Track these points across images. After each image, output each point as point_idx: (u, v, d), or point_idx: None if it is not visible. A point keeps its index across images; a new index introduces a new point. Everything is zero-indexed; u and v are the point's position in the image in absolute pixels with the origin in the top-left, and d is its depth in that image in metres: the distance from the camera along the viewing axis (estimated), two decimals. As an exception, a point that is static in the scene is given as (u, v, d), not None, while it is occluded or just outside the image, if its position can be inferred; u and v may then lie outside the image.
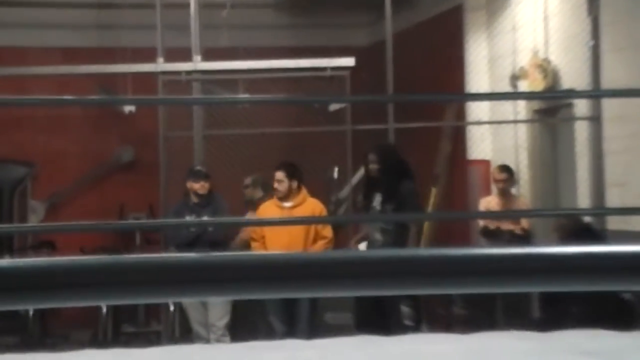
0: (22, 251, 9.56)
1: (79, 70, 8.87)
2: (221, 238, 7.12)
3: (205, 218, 7.14)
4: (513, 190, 7.79)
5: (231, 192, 8.24)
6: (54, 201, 10.64)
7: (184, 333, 7.62)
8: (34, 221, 10.15)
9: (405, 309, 6.88)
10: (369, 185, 7.00)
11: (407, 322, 6.82)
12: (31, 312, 8.59)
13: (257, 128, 9.17)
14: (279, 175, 7.15)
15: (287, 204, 7.17)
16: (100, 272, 1.15)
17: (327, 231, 7.10)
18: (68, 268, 1.15)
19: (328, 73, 8.24)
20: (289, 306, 6.93)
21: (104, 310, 8.53)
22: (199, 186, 7.33)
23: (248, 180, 8.21)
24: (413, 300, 6.92)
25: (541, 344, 3.45)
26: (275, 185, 7.14)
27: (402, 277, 1.19)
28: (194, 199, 7.36)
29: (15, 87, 9.53)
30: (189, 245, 6.99)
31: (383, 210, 6.55)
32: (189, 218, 7.19)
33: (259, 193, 7.96)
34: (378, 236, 6.60)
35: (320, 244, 7.04)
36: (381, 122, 8.37)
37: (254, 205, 7.71)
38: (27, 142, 10.50)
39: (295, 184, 7.14)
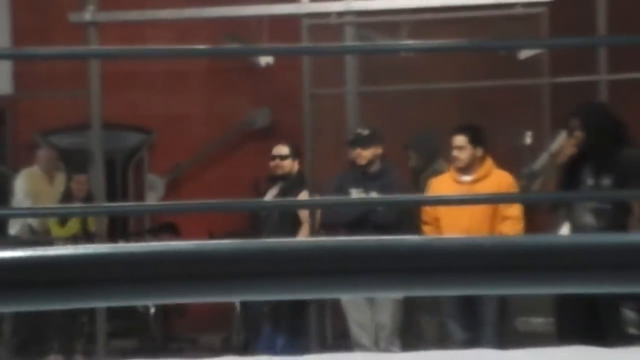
0: (139, 236, 10.01)
1: (203, 14, 9.08)
2: (391, 221, 7.15)
3: (374, 194, 7.24)
4: None
5: (393, 163, 8.33)
6: (175, 175, 11.02)
7: (338, 338, 7.80)
8: (153, 199, 10.57)
9: (629, 314, 6.76)
10: (575, 155, 6.92)
11: (632, 331, 6.72)
12: (152, 311, 9.06)
13: (425, 83, 9.19)
14: (460, 140, 7.12)
15: (467, 178, 7.15)
16: (229, 260, 1.16)
17: (514, 210, 7.04)
18: (189, 254, 1.16)
19: (519, 10, 8.18)
20: (472, 307, 6.95)
21: (238, 309, 8.87)
22: (369, 153, 7.45)
23: (285, 150, 8.20)
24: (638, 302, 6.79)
25: None
26: (455, 153, 7.12)
27: (621, 270, 1.15)
28: (361, 170, 7.47)
29: (128, 36, 9.92)
30: (350, 228, 7.08)
31: (597, 186, 6.47)
32: (355, 193, 7.28)
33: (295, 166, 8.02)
34: (589, 219, 6.50)
35: (506, 225, 7.01)
36: (589, 73, 8.24)
37: None
38: (143, 104, 10.90)
39: (479, 152, 7.13)
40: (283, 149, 8.20)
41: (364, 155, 7.44)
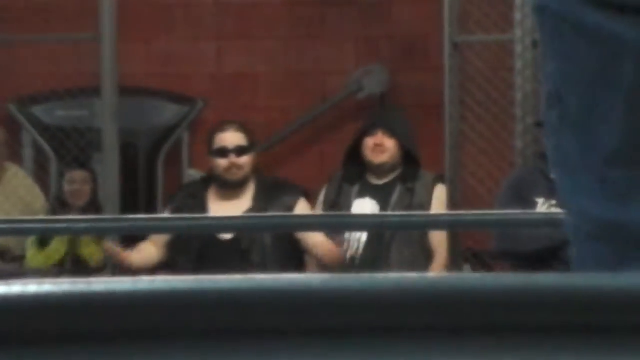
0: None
1: None
2: None
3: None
4: None
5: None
6: (232, 171, 11.05)
7: None
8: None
9: None
10: None
11: None
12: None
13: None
14: None
15: None
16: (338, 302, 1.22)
17: None
18: (292, 292, 1.23)
19: None
20: None
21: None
22: None
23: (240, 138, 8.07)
24: None
25: None
26: None
27: None
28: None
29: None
30: (531, 262, 7.42)
31: None
32: (542, 204, 7.36)
33: None
34: None
35: None
36: None
37: None
38: (182, 57, 11.01)
39: None
40: (236, 137, 8.08)
41: None
